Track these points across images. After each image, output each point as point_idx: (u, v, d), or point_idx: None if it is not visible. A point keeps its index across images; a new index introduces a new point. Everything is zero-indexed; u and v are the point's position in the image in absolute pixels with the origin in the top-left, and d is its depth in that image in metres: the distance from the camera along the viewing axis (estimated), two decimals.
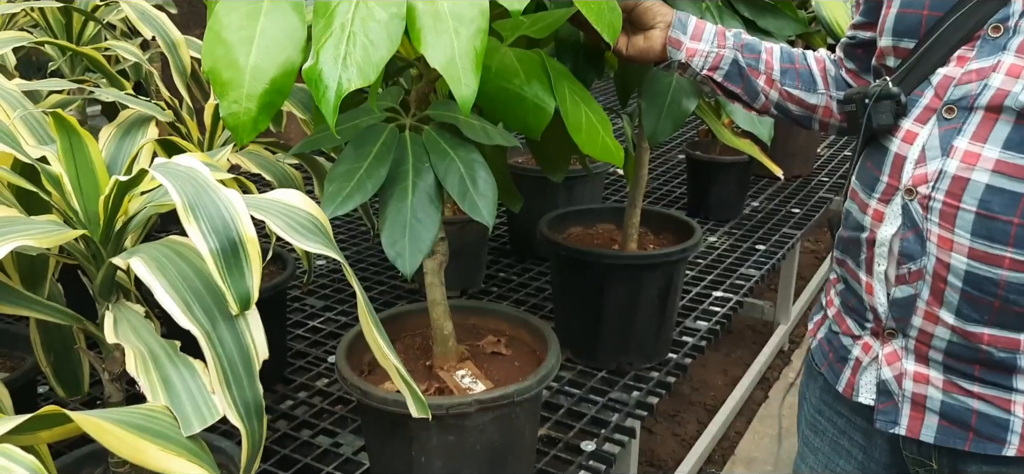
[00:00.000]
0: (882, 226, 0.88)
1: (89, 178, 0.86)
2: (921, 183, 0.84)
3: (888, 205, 0.88)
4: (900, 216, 0.86)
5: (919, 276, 0.86)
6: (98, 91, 1.21)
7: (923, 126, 0.86)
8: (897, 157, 0.87)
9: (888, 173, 0.88)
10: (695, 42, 1.07)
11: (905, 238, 0.86)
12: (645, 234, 1.72)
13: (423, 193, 0.97)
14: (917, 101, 0.87)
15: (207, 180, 0.76)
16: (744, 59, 1.08)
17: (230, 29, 0.85)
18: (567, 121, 1.02)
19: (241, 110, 0.85)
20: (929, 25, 0.86)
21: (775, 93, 1.08)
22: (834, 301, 1.03)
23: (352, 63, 0.77)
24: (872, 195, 0.90)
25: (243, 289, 0.74)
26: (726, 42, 1.08)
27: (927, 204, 0.84)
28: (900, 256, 0.87)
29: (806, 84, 1.08)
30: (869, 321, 0.93)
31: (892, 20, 0.91)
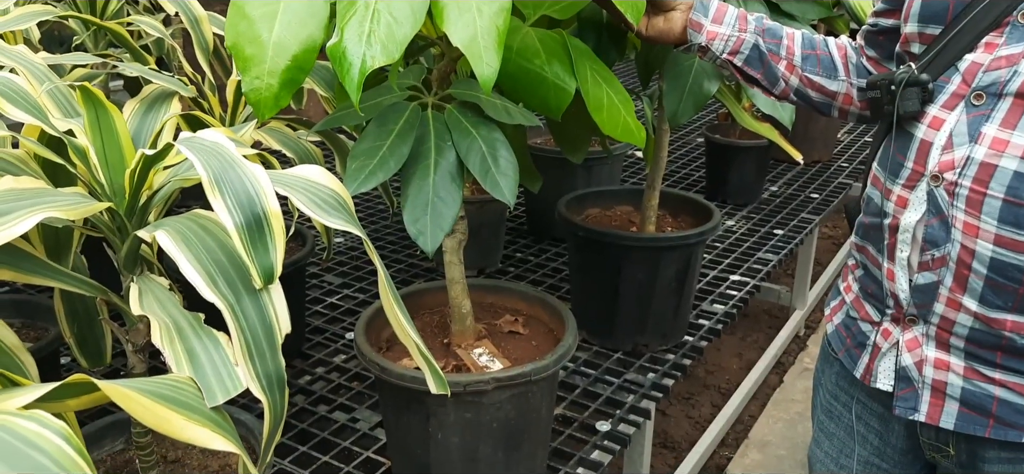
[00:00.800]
0: (906, 212, 0.88)
1: (115, 151, 0.87)
2: (948, 169, 0.84)
3: (913, 191, 0.87)
4: (925, 202, 0.86)
5: (942, 263, 0.85)
6: (122, 66, 1.21)
7: (950, 112, 0.85)
8: (923, 143, 0.87)
9: (913, 159, 0.88)
10: (716, 26, 1.07)
11: (930, 224, 0.86)
12: (663, 216, 1.72)
13: (445, 171, 0.98)
14: (944, 87, 0.86)
15: (232, 155, 0.76)
16: (765, 44, 1.07)
17: (253, 5, 0.86)
18: (588, 101, 1.02)
19: (263, 86, 0.85)
20: (956, 11, 0.86)
21: (795, 79, 1.08)
22: (852, 287, 1.02)
23: (376, 41, 0.77)
24: (896, 181, 0.90)
25: (267, 263, 0.75)
26: (747, 27, 1.07)
27: (953, 190, 0.84)
28: (924, 242, 0.86)
29: (827, 70, 1.08)
30: (889, 307, 0.93)
31: (918, 6, 0.90)
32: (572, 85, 1.01)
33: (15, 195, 0.75)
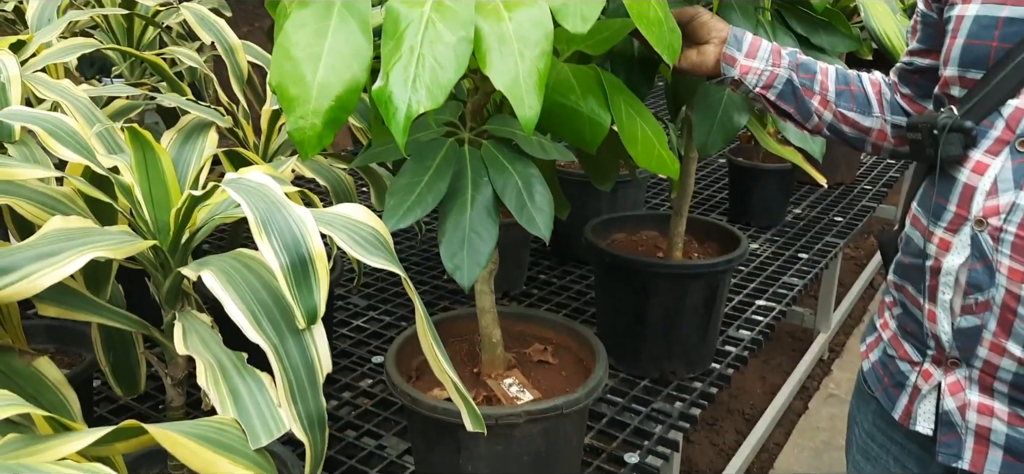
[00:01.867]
0: (948, 255, 0.87)
1: (160, 189, 0.88)
2: (992, 215, 0.84)
3: (955, 235, 0.87)
4: (968, 246, 0.86)
5: (986, 307, 0.85)
6: (160, 97, 1.23)
7: (995, 158, 0.85)
8: (966, 187, 0.86)
9: (956, 203, 0.87)
10: (750, 60, 1.07)
11: (973, 269, 0.85)
12: (690, 242, 1.71)
13: (481, 207, 0.98)
14: (987, 132, 0.86)
15: (278, 196, 0.77)
16: (798, 79, 1.07)
17: (299, 46, 0.87)
18: (623, 134, 1.03)
19: (307, 125, 0.86)
20: (998, 56, 0.86)
21: (829, 114, 1.08)
22: (889, 324, 1.02)
23: (421, 85, 0.78)
24: (938, 224, 0.89)
25: (311, 304, 0.76)
26: (781, 61, 1.07)
27: (998, 236, 0.83)
28: (967, 286, 0.86)
29: (861, 107, 1.07)
30: (930, 348, 0.92)
31: (959, 50, 0.90)
32: (607, 119, 1.02)
33: (64, 235, 0.77)
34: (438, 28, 0.81)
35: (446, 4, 0.83)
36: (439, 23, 0.82)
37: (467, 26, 0.81)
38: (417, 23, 0.82)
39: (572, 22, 0.85)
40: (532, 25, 0.83)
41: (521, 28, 0.83)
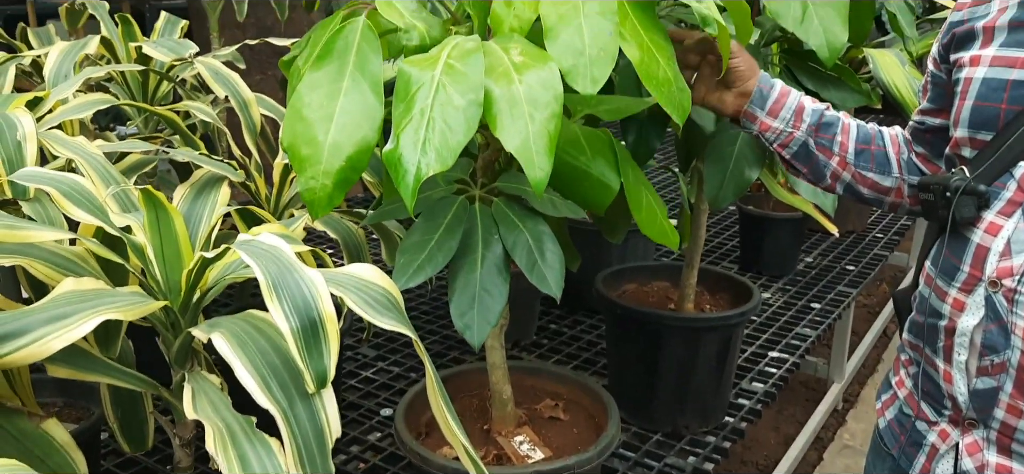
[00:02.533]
0: (963, 316, 0.87)
1: (172, 250, 0.89)
2: (1006, 276, 0.83)
3: (970, 295, 0.87)
4: (983, 307, 0.85)
5: (1002, 368, 0.84)
6: (173, 152, 1.24)
7: (1008, 219, 0.85)
8: (980, 248, 0.86)
9: (970, 263, 0.87)
10: (771, 118, 1.07)
11: (988, 330, 0.85)
12: (701, 293, 1.70)
13: (492, 265, 0.98)
14: (999, 194, 0.86)
15: (289, 259, 0.77)
16: (815, 141, 1.07)
17: (311, 107, 0.88)
18: (629, 198, 1.03)
19: (318, 186, 0.87)
20: (1007, 118, 0.86)
21: (847, 174, 1.07)
22: (905, 382, 1.00)
23: (431, 148, 0.79)
24: (952, 284, 0.89)
25: (321, 368, 0.75)
26: (801, 123, 1.07)
27: (1013, 297, 0.83)
28: (983, 348, 0.85)
29: (881, 167, 1.07)
30: (947, 408, 0.91)
31: (968, 112, 0.90)
32: (616, 182, 1.03)
33: (76, 297, 0.77)
34: (449, 91, 0.82)
35: (456, 67, 0.84)
36: (449, 86, 0.82)
37: (477, 89, 0.82)
38: (428, 86, 0.83)
39: (582, 83, 0.86)
40: (542, 87, 0.84)
41: (531, 90, 0.83)
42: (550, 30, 0.88)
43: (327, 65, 0.90)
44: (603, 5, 0.89)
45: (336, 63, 0.90)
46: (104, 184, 1.05)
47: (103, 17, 1.65)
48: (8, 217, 0.80)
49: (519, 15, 0.91)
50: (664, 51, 0.94)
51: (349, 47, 0.91)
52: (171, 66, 1.48)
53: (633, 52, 0.90)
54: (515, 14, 0.91)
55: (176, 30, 1.67)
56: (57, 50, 1.38)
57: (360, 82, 0.89)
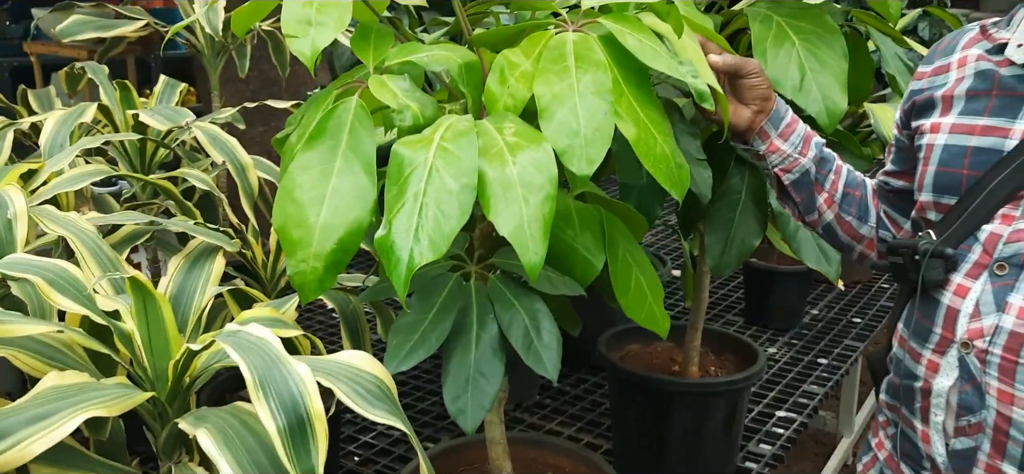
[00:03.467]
0: (937, 377, 0.89)
1: (160, 338, 0.87)
2: (977, 337, 0.85)
3: (943, 356, 0.88)
4: (957, 368, 0.87)
5: (979, 428, 0.85)
6: (168, 222, 1.23)
7: (975, 281, 0.87)
8: (950, 310, 0.88)
9: (941, 325, 0.89)
10: (780, 141, 1.08)
11: (963, 391, 0.86)
12: (706, 354, 1.67)
13: (487, 346, 0.96)
14: (966, 256, 0.88)
15: (277, 353, 0.75)
16: (816, 172, 1.08)
17: (303, 188, 0.87)
18: (615, 282, 1.02)
19: (308, 269, 0.85)
20: (970, 183, 0.89)
21: (830, 214, 1.09)
22: (885, 444, 1.01)
23: (424, 235, 0.77)
24: (925, 345, 0.91)
25: (308, 467, 0.73)
26: (808, 151, 1.08)
27: (985, 358, 0.85)
28: (959, 408, 0.87)
29: (860, 213, 1.09)
30: (926, 469, 0.92)
31: (931, 178, 0.93)
32: (600, 260, 1.02)
33: (59, 393, 0.75)
34: (442, 175, 0.80)
35: (450, 149, 0.83)
36: (443, 170, 0.81)
37: (470, 173, 0.81)
38: (421, 169, 0.81)
39: (578, 165, 0.84)
40: (536, 169, 0.82)
41: (525, 172, 0.82)
42: (544, 110, 0.87)
43: (320, 145, 0.89)
44: (598, 83, 0.88)
45: (329, 143, 0.89)
46: (96, 262, 1.04)
47: (102, 81, 1.65)
48: None
49: (513, 94, 0.90)
50: (661, 127, 0.93)
51: (342, 127, 0.90)
52: (169, 131, 1.47)
53: (630, 130, 0.89)
54: (509, 92, 0.90)
55: (175, 94, 1.67)
56: (54, 119, 1.37)
57: (353, 162, 0.88)
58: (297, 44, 0.91)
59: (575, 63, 0.90)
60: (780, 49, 1.22)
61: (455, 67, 0.93)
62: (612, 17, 0.95)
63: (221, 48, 2.02)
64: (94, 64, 1.69)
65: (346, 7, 0.93)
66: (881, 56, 1.50)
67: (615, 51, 0.92)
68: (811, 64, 1.21)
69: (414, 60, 0.93)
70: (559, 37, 0.93)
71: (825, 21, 1.25)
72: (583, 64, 0.90)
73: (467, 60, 0.95)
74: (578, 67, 0.89)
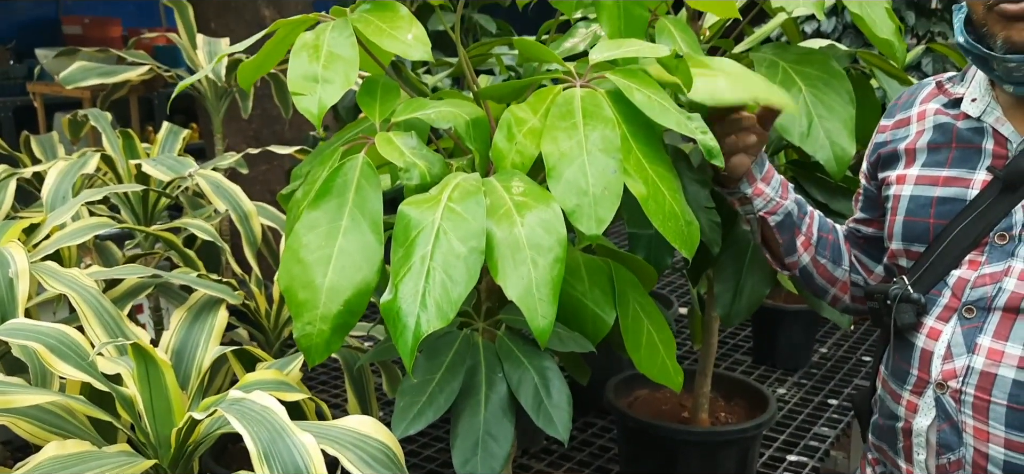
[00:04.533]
0: (917, 417, 0.93)
1: (163, 403, 0.85)
2: (951, 378, 0.89)
3: (921, 397, 0.93)
4: (934, 408, 0.91)
5: (959, 465, 0.89)
6: (169, 275, 1.22)
7: (945, 324, 0.91)
8: (924, 352, 0.92)
9: (917, 367, 0.93)
10: (764, 185, 1.10)
11: (941, 429, 0.90)
12: (715, 400, 1.65)
13: (496, 406, 0.94)
14: (936, 300, 0.93)
15: (282, 423, 0.74)
16: (796, 214, 1.11)
17: (309, 248, 0.85)
18: (626, 337, 1.00)
19: (315, 332, 0.84)
20: (937, 232, 0.94)
21: (807, 257, 1.11)
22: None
23: (431, 301, 0.76)
24: (904, 387, 0.95)
25: None
26: (788, 195, 1.11)
27: (959, 397, 0.89)
28: (938, 446, 0.91)
29: (834, 257, 1.12)
30: None
31: (900, 227, 0.98)
32: (611, 316, 1.01)
33: (59, 463, 0.73)
34: (449, 238, 0.79)
35: (457, 210, 0.82)
36: (450, 232, 0.80)
37: (478, 236, 0.79)
38: (428, 231, 0.80)
39: (587, 224, 0.83)
40: (545, 230, 0.81)
41: (533, 234, 0.80)
42: (553, 169, 0.86)
43: (326, 203, 0.88)
44: (606, 141, 0.87)
45: (335, 201, 0.88)
46: (98, 320, 1.02)
47: (105, 129, 1.65)
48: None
49: (521, 150, 0.89)
50: (670, 183, 0.92)
51: (348, 184, 0.89)
52: (171, 180, 1.47)
53: (639, 188, 0.88)
54: (517, 149, 0.89)
55: (178, 141, 1.66)
56: (56, 170, 1.37)
57: (359, 221, 0.87)
58: (304, 102, 0.90)
59: (583, 120, 0.89)
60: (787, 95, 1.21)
61: (462, 124, 0.92)
62: (620, 72, 0.94)
63: (224, 91, 2.03)
64: (97, 112, 1.68)
65: (352, 63, 0.93)
66: (886, 97, 1.49)
67: (623, 107, 0.91)
68: (818, 110, 1.20)
69: (421, 117, 0.92)
70: (567, 93, 0.92)
71: (831, 66, 1.24)
72: (591, 121, 0.89)
73: (474, 116, 0.94)
74: (586, 124, 0.88)
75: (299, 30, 0.98)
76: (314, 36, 0.93)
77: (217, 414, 0.79)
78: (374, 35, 0.94)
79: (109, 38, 4.71)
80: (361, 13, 0.97)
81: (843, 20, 3.14)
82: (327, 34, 0.93)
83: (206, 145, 2.89)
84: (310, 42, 0.93)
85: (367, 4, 0.99)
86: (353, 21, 0.95)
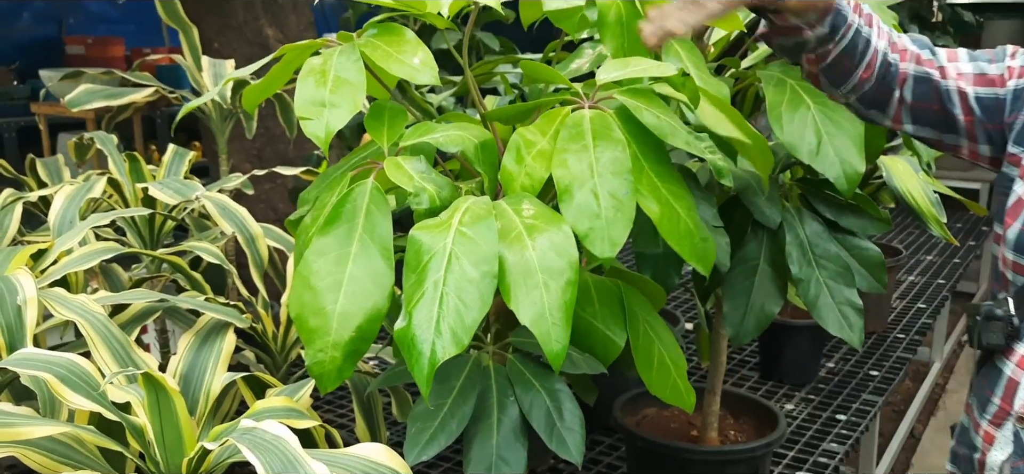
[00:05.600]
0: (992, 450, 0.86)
1: (173, 433, 0.85)
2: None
3: (999, 429, 0.86)
4: (1011, 442, 0.84)
5: None
6: (177, 299, 1.22)
7: None
8: (1010, 381, 0.85)
9: (1001, 396, 0.86)
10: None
11: (1016, 466, 0.84)
12: (725, 418, 1.64)
13: (508, 430, 0.94)
14: None
15: (294, 453, 0.73)
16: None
17: (319, 275, 0.85)
18: (637, 358, 1.00)
19: (327, 359, 0.83)
20: None
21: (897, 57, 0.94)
22: None
23: (446, 327, 0.75)
24: (983, 416, 0.88)
25: None
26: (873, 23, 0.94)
27: None
28: None
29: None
30: None
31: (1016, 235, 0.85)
32: (622, 338, 1.00)
33: None
34: (462, 263, 0.79)
35: (468, 234, 0.81)
36: (462, 257, 0.79)
37: (490, 260, 0.79)
38: (440, 256, 0.80)
39: (600, 248, 0.83)
40: (556, 253, 0.81)
41: (545, 257, 0.80)
42: (564, 191, 0.85)
43: (335, 229, 0.88)
44: (617, 162, 0.87)
45: (344, 227, 0.88)
46: (106, 346, 1.02)
47: (111, 152, 1.65)
48: (3, 412, 0.76)
49: (531, 173, 0.89)
50: (684, 201, 0.92)
51: (357, 210, 0.88)
52: (176, 204, 1.46)
53: (652, 208, 0.88)
54: (526, 172, 0.89)
55: (184, 163, 1.66)
56: (63, 195, 1.37)
57: (369, 246, 0.86)
58: (311, 126, 0.90)
59: (593, 141, 0.89)
60: (795, 113, 1.20)
61: (471, 147, 0.92)
62: (628, 92, 0.94)
63: (228, 113, 2.03)
64: (103, 135, 1.69)
65: (360, 87, 0.92)
66: None
67: (632, 127, 0.91)
68: (827, 128, 1.20)
69: (429, 141, 0.92)
70: (576, 114, 0.92)
71: None
72: (601, 142, 0.88)
73: (483, 139, 0.94)
74: (596, 145, 0.88)
75: (305, 55, 0.98)
76: (321, 61, 0.93)
77: (228, 443, 0.79)
78: (381, 60, 0.94)
79: (112, 58, 4.73)
80: (368, 38, 0.97)
81: None
82: (334, 59, 0.93)
83: (210, 165, 2.89)
84: (317, 67, 0.93)
85: (373, 28, 0.99)
86: (360, 46, 0.95)
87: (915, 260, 3.30)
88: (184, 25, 1.98)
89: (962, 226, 3.83)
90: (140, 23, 5.12)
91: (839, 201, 1.29)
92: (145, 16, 5.16)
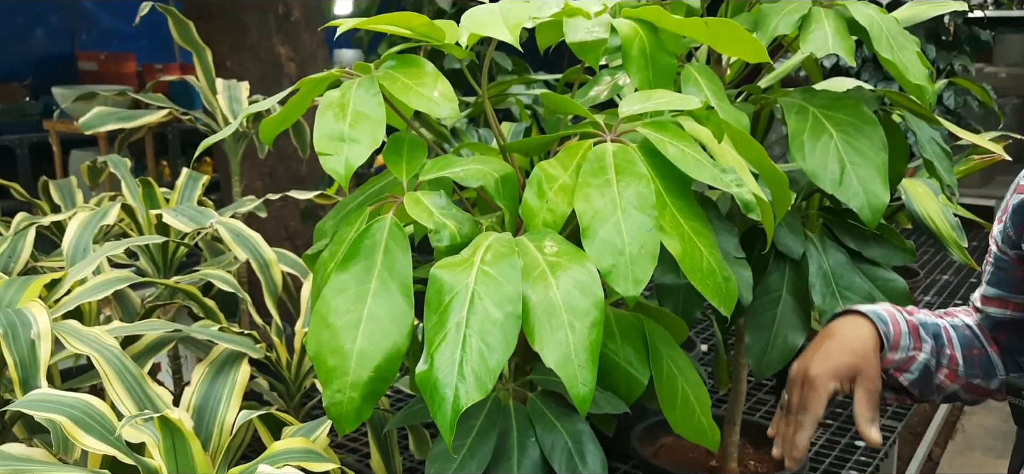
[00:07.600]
0: None
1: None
2: None
3: None
4: None
5: None
6: (190, 329, 1.20)
7: None
8: None
9: None
10: (892, 353, 0.98)
11: None
12: (744, 447, 1.61)
13: (528, 471, 0.91)
14: None
15: None
16: (934, 360, 0.98)
17: (337, 313, 0.83)
18: (660, 396, 0.97)
19: (345, 400, 0.81)
20: None
21: (955, 386, 0.99)
22: None
23: (469, 371, 0.73)
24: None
25: None
26: (922, 344, 0.97)
27: None
28: None
29: (986, 371, 0.99)
30: None
31: None
32: (645, 375, 0.98)
33: None
34: (485, 303, 0.77)
35: (491, 273, 0.79)
36: (485, 296, 0.77)
37: (515, 300, 0.77)
38: (462, 295, 0.78)
39: (624, 285, 0.81)
40: (581, 292, 0.79)
41: (570, 296, 0.78)
42: (587, 228, 0.83)
43: (354, 265, 0.86)
44: (641, 198, 0.85)
45: (363, 263, 0.86)
46: (120, 381, 1.00)
47: (124, 176, 1.64)
48: (14, 458, 0.75)
49: (553, 208, 0.87)
50: (706, 239, 0.90)
51: (376, 246, 0.87)
52: (188, 231, 1.45)
53: (675, 245, 0.86)
54: (548, 207, 0.87)
55: (197, 188, 1.65)
56: (77, 222, 1.36)
57: (389, 284, 0.85)
58: (330, 162, 0.89)
59: (616, 176, 0.87)
60: (817, 142, 1.19)
61: (491, 182, 0.90)
62: (651, 125, 0.92)
63: (242, 135, 2.02)
64: (117, 158, 1.68)
65: (379, 122, 0.91)
66: (916, 142, 1.46)
67: (656, 161, 0.89)
68: (850, 157, 1.18)
69: (449, 176, 0.90)
70: (598, 148, 0.90)
71: (862, 111, 1.22)
72: (624, 177, 0.87)
73: (503, 173, 0.92)
74: (619, 180, 0.86)
75: (322, 87, 0.97)
76: (340, 94, 0.92)
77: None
78: (400, 92, 0.93)
79: (124, 74, 4.74)
80: (386, 70, 0.96)
81: (862, 53, 3.13)
82: (353, 92, 0.92)
83: (223, 185, 2.88)
84: (336, 101, 0.91)
85: (392, 60, 0.98)
86: (379, 78, 0.94)
87: (931, 280, 3.26)
88: (198, 47, 1.98)
89: (978, 244, 3.80)
90: (152, 38, 5.14)
91: (863, 231, 1.27)
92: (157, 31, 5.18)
